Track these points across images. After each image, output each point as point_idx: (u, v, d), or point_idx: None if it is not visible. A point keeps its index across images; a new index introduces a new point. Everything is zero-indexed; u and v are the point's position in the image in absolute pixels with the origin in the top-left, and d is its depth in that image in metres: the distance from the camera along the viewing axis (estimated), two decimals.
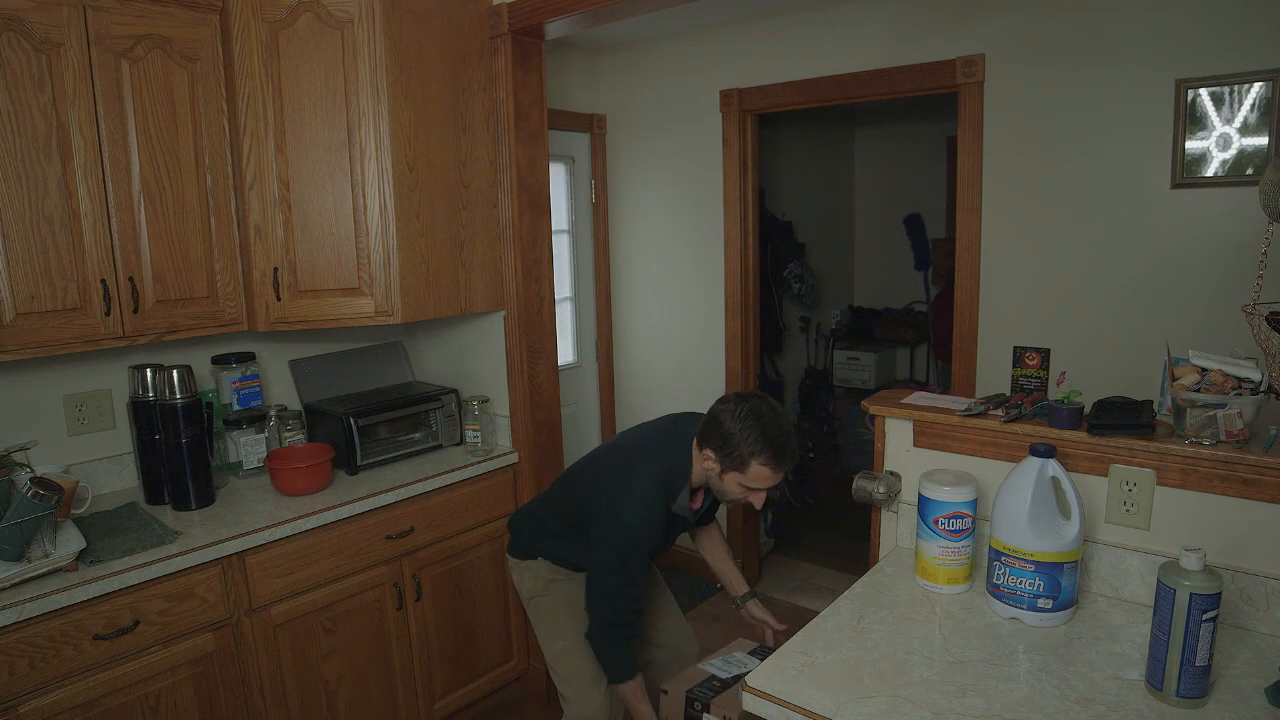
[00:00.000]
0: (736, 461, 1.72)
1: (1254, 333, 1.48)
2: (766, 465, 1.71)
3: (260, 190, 2.26)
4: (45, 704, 1.71)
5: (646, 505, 1.80)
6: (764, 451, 1.70)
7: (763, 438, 1.69)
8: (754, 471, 1.72)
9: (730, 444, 1.72)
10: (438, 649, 2.50)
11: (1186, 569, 1.20)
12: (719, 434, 1.74)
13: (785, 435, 1.72)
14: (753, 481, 1.74)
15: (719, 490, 1.82)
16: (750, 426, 1.70)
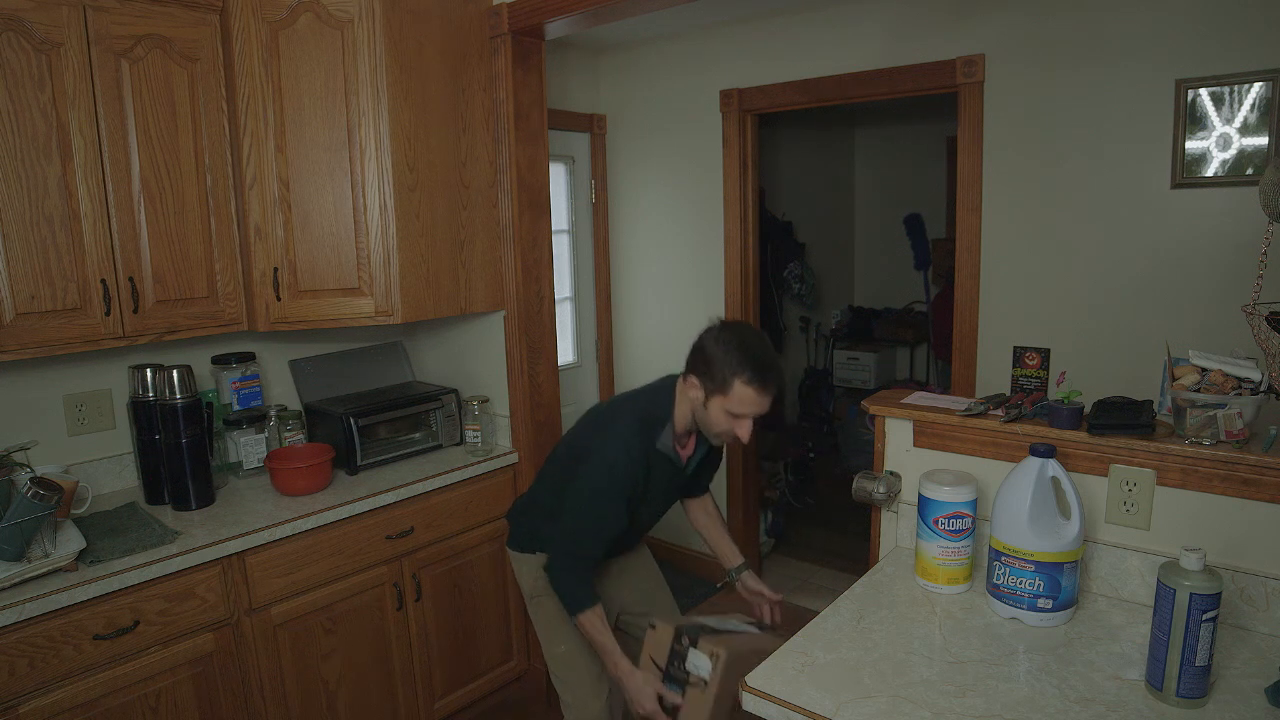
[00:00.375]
0: (719, 383, 1.69)
1: (1254, 333, 1.48)
2: (750, 385, 1.67)
3: (260, 190, 2.26)
4: (45, 704, 1.71)
5: (625, 439, 1.78)
6: (746, 369, 1.66)
7: (745, 357, 1.67)
8: (737, 393, 1.68)
9: (713, 366, 1.70)
10: (438, 649, 2.50)
11: (1186, 569, 1.20)
12: (702, 358, 1.72)
13: (768, 355, 1.70)
14: (737, 405, 1.69)
15: (706, 425, 1.77)
16: (732, 347, 1.68)
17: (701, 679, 1.70)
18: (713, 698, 1.68)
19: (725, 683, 1.67)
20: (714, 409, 1.72)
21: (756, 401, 1.69)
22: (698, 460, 1.95)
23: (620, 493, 1.78)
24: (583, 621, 1.82)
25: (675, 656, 1.76)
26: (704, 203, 3.58)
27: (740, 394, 1.68)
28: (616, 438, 1.78)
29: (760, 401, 1.69)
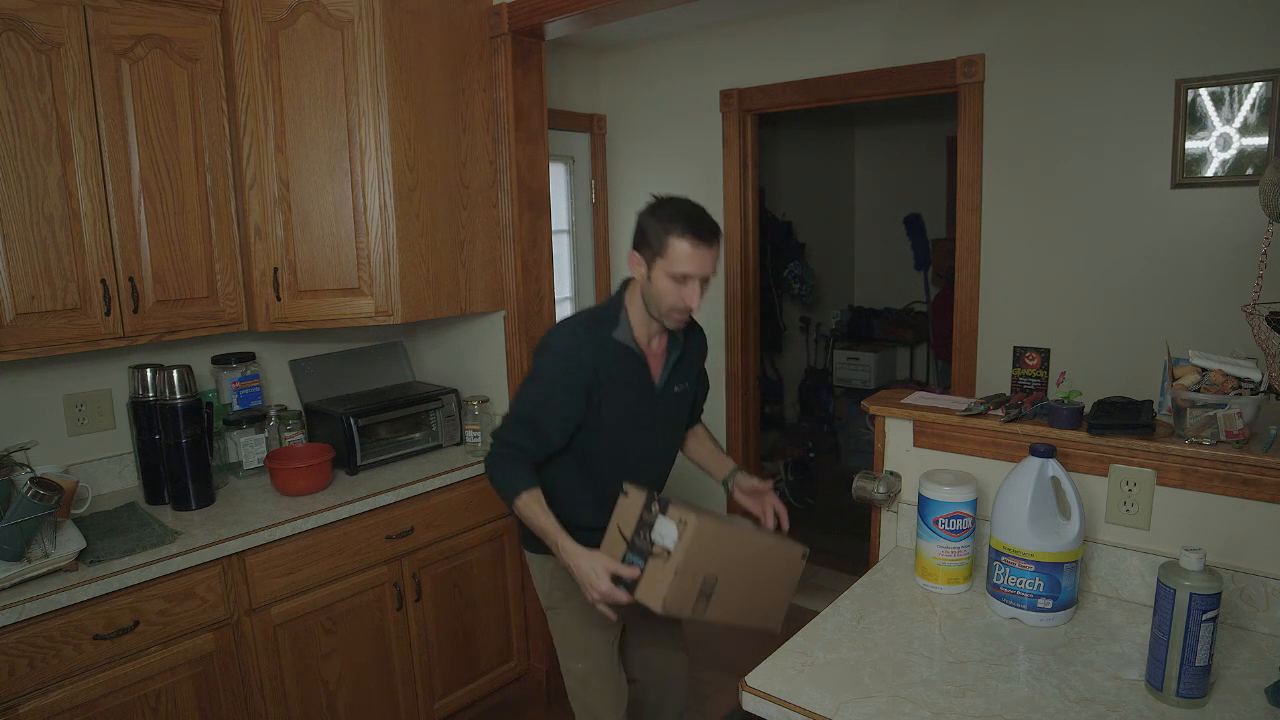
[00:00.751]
0: (657, 246, 1.64)
1: (1254, 333, 1.48)
2: (684, 238, 1.62)
3: (260, 190, 2.26)
4: (45, 704, 1.71)
5: (571, 328, 1.74)
6: (678, 223, 1.63)
7: (677, 214, 1.64)
8: (674, 250, 1.62)
9: (648, 233, 1.66)
10: (438, 649, 2.50)
11: (1186, 569, 1.20)
12: (638, 231, 1.70)
13: (701, 212, 1.67)
14: (677, 265, 1.62)
15: (656, 301, 1.68)
16: (665, 210, 1.66)
17: (665, 549, 1.50)
18: (673, 570, 1.47)
19: (693, 557, 1.49)
20: (657, 278, 1.66)
21: (695, 257, 1.63)
22: (670, 367, 1.82)
23: (569, 379, 1.69)
24: (520, 508, 1.68)
25: (642, 526, 1.56)
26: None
27: (677, 250, 1.62)
28: (562, 328, 1.75)
29: (699, 257, 1.63)
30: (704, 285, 1.67)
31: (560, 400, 1.70)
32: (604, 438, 1.77)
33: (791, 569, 1.69)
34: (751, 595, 1.63)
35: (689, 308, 1.68)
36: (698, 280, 1.66)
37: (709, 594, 1.53)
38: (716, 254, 1.67)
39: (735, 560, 1.53)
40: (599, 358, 1.71)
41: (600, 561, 1.59)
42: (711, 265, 1.66)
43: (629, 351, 1.75)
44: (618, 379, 1.74)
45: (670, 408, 1.87)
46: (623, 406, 1.76)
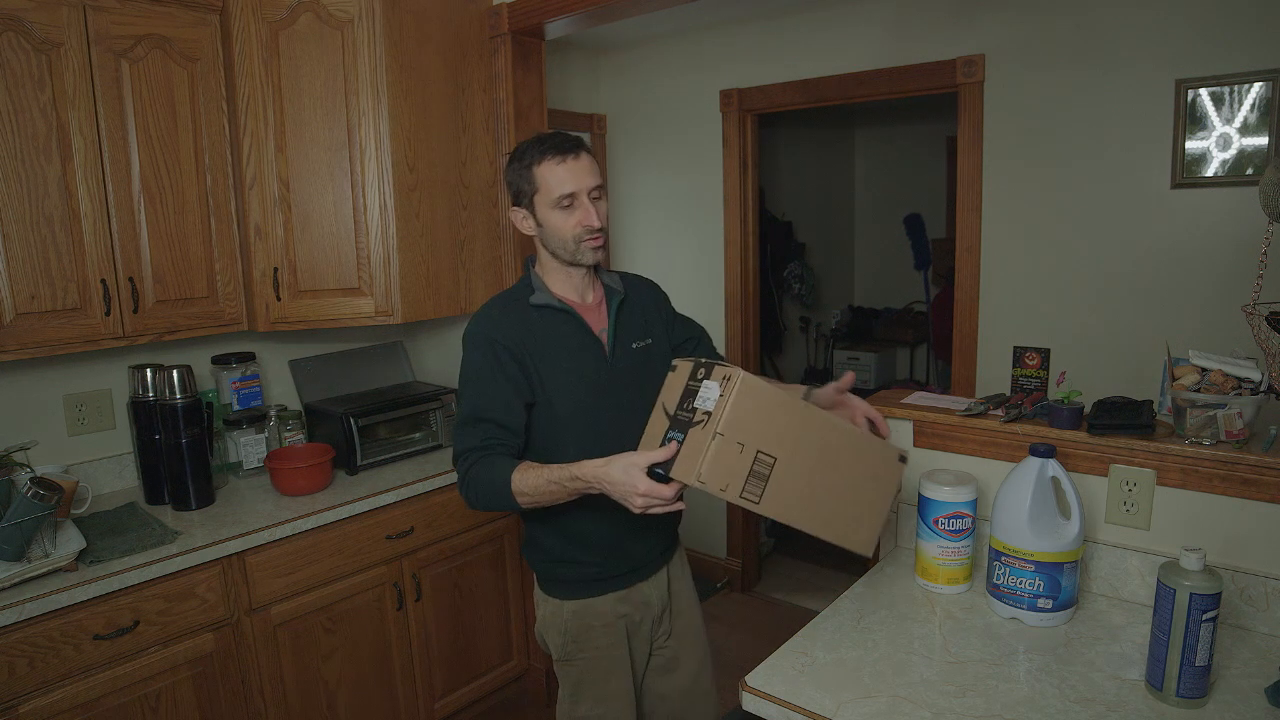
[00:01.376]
0: (529, 185, 1.50)
1: (1254, 333, 1.48)
2: (546, 158, 1.48)
3: (260, 190, 2.26)
4: (45, 704, 1.71)
5: (484, 310, 1.58)
6: (534, 150, 1.49)
7: (527, 146, 1.52)
8: (544, 176, 1.48)
9: (517, 180, 1.53)
10: (438, 649, 2.50)
11: (1186, 569, 1.20)
12: (507, 184, 1.57)
13: (552, 132, 1.54)
14: (554, 188, 1.47)
15: (557, 239, 1.52)
16: (518, 150, 1.54)
17: (705, 412, 1.24)
18: (711, 433, 1.21)
19: (740, 419, 1.22)
20: (546, 216, 1.51)
21: (566, 172, 1.48)
22: (615, 317, 1.59)
23: (493, 357, 1.50)
24: (519, 490, 1.42)
25: (687, 395, 1.30)
26: (704, 203, 3.58)
27: (546, 175, 1.48)
28: (475, 314, 1.60)
29: (570, 169, 1.48)
30: (596, 201, 1.51)
31: (495, 385, 1.50)
32: (563, 418, 1.53)
33: (886, 473, 1.37)
34: (826, 493, 1.31)
35: (593, 226, 1.50)
36: (584, 195, 1.50)
37: (764, 476, 1.25)
38: (591, 165, 1.51)
39: (802, 440, 1.26)
40: (521, 329, 1.52)
41: (629, 458, 1.30)
42: (590, 175, 1.50)
43: (554, 311, 1.56)
44: (552, 344, 1.54)
45: (636, 366, 1.60)
46: (571, 374, 1.53)
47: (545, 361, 1.53)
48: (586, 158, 1.52)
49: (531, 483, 1.41)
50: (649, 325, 1.67)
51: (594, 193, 1.52)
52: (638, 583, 1.65)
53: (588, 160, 1.52)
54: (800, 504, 1.30)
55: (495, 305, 1.59)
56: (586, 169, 1.51)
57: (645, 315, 1.68)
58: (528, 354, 1.51)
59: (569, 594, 1.63)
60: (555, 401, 1.53)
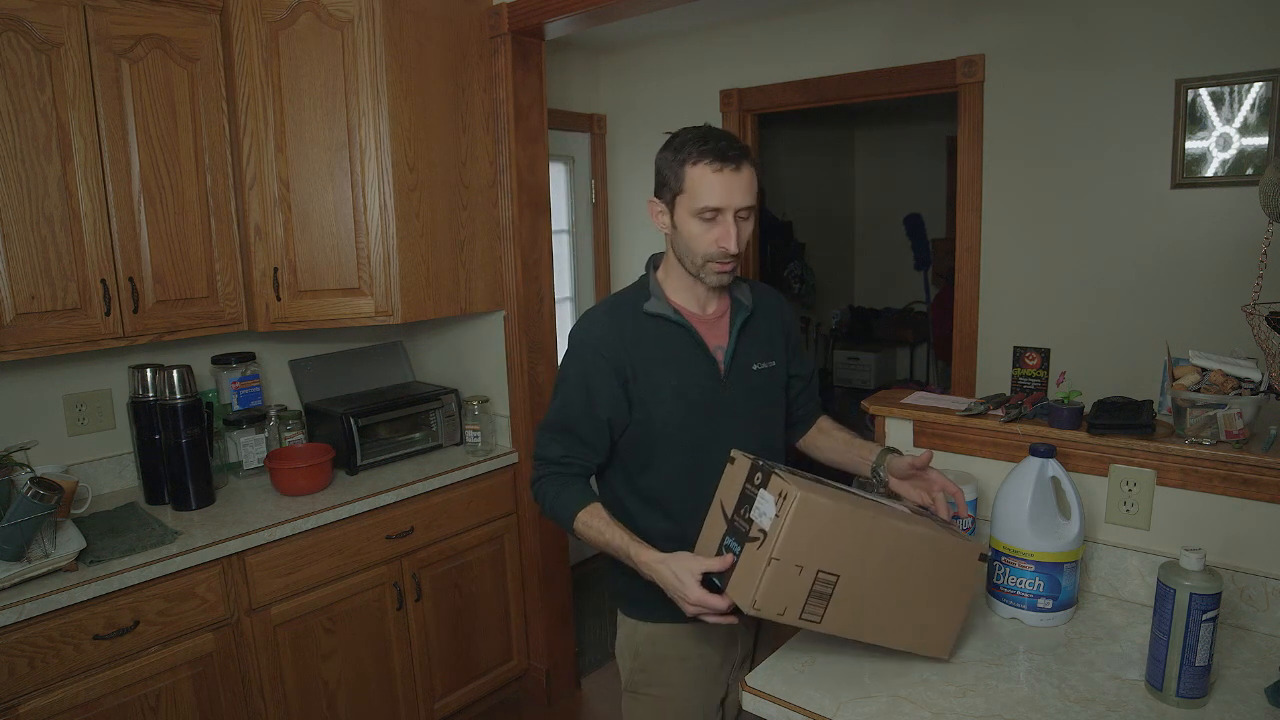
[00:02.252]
0: (674, 182, 1.37)
1: (1254, 333, 1.48)
2: (702, 161, 1.34)
3: (260, 190, 2.26)
4: (45, 704, 1.71)
5: (591, 314, 1.47)
6: (694, 146, 1.35)
7: (691, 137, 1.37)
8: (693, 180, 1.35)
9: (663, 169, 1.40)
10: (438, 649, 2.50)
11: (1186, 569, 1.20)
12: (656, 175, 1.43)
13: (720, 131, 1.39)
14: (700, 197, 1.34)
15: (690, 251, 1.39)
16: (676, 139, 1.40)
17: (762, 530, 1.18)
18: (766, 557, 1.14)
19: (796, 542, 1.15)
20: (682, 221, 1.38)
21: (720, 183, 1.34)
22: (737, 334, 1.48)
23: (593, 367, 1.40)
24: (580, 531, 1.40)
25: (744, 501, 1.24)
26: None
27: (697, 179, 1.35)
28: (582, 316, 1.49)
29: (724, 183, 1.34)
30: (743, 222, 1.38)
31: (589, 397, 1.41)
32: (661, 436, 1.42)
33: (962, 574, 1.25)
34: (895, 604, 1.23)
35: (730, 250, 1.36)
36: (730, 214, 1.35)
37: (826, 595, 1.18)
38: (750, 182, 1.37)
39: (867, 554, 1.19)
40: (627, 337, 1.41)
41: (684, 563, 1.26)
42: (744, 194, 1.36)
43: (667, 322, 1.43)
44: (660, 358, 1.42)
45: (753, 390, 1.48)
46: (675, 393, 1.41)
47: (649, 377, 1.41)
48: (748, 171, 1.37)
49: (591, 535, 1.39)
50: (774, 347, 1.54)
51: (742, 213, 1.38)
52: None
53: (748, 175, 1.37)
54: (866, 618, 1.23)
55: (605, 309, 1.48)
56: (744, 185, 1.36)
57: (772, 335, 1.54)
58: (630, 368, 1.41)
59: (646, 615, 1.49)
60: (654, 418, 1.42)
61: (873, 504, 1.27)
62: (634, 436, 1.44)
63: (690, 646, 1.50)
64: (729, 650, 1.55)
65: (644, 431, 1.43)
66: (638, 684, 1.53)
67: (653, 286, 1.48)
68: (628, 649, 1.54)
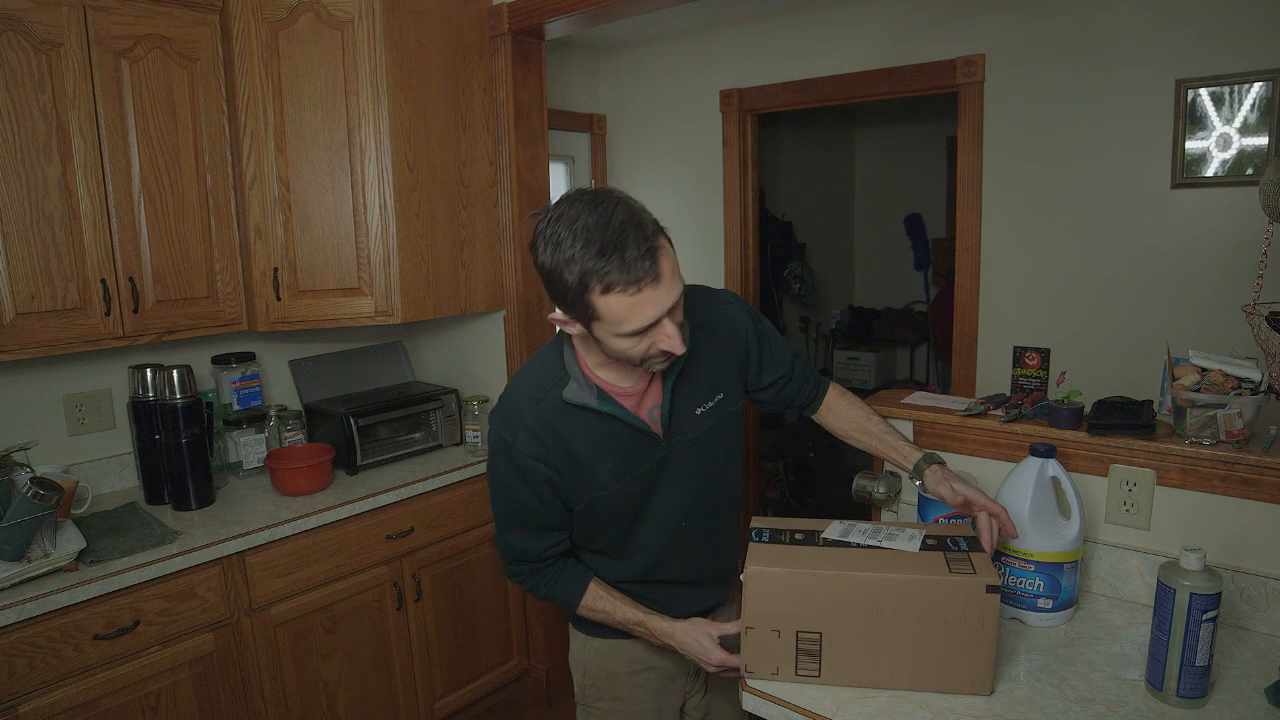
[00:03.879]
0: (585, 311, 1.13)
1: (1254, 333, 1.48)
2: (613, 290, 1.09)
3: (260, 190, 2.26)
4: (45, 704, 1.71)
5: (513, 407, 1.30)
6: (592, 271, 1.08)
7: (582, 253, 1.08)
8: (611, 310, 1.11)
9: (563, 292, 1.14)
10: (438, 649, 2.50)
11: (1186, 569, 1.20)
12: (546, 282, 1.16)
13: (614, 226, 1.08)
14: (628, 324, 1.12)
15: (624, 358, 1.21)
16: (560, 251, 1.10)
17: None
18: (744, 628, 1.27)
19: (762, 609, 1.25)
20: (607, 340, 1.17)
21: (644, 303, 1.11)
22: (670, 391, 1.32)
23: (524, 478, 1.29)
24: (585, 613, 1.39)
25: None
26: (704, 203, 3.58)
27: (614, 309, 1.11)
28: (500, 411, 1.32)
29: (650, 299, 1.11)
30: (676, 313, 1.17)
31: (538, 495, 1.31)
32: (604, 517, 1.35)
33: (972, 608, 1.20)
34: (897, 650, 1.24)
35: (675, 353, 1.19)
36: (664, 318, 1.15)
37: (815, 652, 1.25)
38: (672, 271, 1.13)
39: (842, 608, 1.22)
40: (554, 438, 1.28)
41: (700, 629, 1.32)
42: (671, 293, 1.13)
43: (590, 412, 1.28)
44: (589, 450, 1.29)
45: (698, 438, 1.37)
46: (612, 476, 1.31)
47: (582, 471, 1.30)
48: (666, 263, 1.12)
49: (600, 618, 1.39)
50: (718, 379, 1.39)
51: (675, 311, 1.16)
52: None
53: (668, 267, 1.12)
54: (870, 668, 1.25)
55: (525, 397, 1.30)
56: (667, 285, 1.12)
57: (719, 363, 1.39)
58: (561, 467, 1.29)
59: (597, 631, 1.47)
60: (595, 506, 1.33)
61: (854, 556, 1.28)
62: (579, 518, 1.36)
63: (639, 659, 1.48)
64: (679, 662, 1.49)
65: (586, 518, 1.35)
66: (589, 697, 1.52)
67: (570, 366, 1.29)
68: (578, 663, 1.53)
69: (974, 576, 1.20)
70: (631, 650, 1.47)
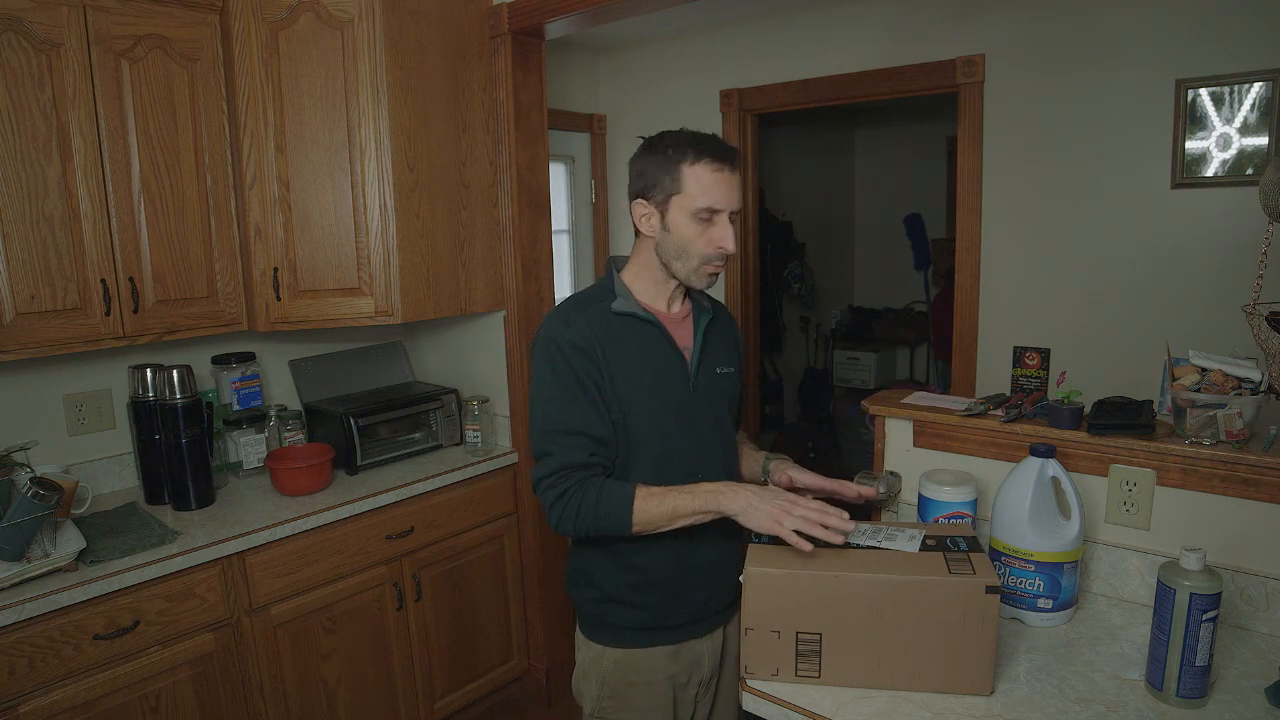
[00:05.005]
0: (669, 182, 1.35)
1: (1254, 333, 1.48)
2: (702, 160, 1.33)
3: (260, 190, 2.26)
4: (45, 704, 1.71)
5: (557, 312, 1.41)
6: (690, 147, 1.34)
7: (684, 139, 1.35)
8: (692, 178, 1.33)
9: (653, 169, 1.36)
10: (438, 649, 2.50)
11: (1186, 569, 1.20)
12: (637, 173, 1.39)
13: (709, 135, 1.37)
14: (701, 196, 1.33)
15: (683, 251, 1.37)
16: (664, 140, 1.37)
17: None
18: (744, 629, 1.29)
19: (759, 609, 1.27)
20: (677, 221, 1.35)
21: (720, 183, 1.34)
22: (702, 336, 1.47)
23: (579, 363, 1.35)
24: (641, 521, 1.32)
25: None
26: None
27: (697, 178, 1.33)
28: (547, 317, 1.42)
29: (726, 183, 1.34)
30: (734, 221, 1.39)
31: (580, 395, 1.35)
32: (638, 439, 1.39)
33: (972, 608, 1.21)
34: (897, 650, 1.25)
35: (729, 250, 1.37)
36: (726, 215, 1.36)
37: (815, 652, 1.27)
38: (740, 184, 1.38)
39: (843, 609, 1.23)
40: (600, 334, 1.37)
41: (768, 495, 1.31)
42: (739, 196, 1.38)
43: (637, 320, 1.41)
44: (633, 357, 1.39)
45: (717, 394, 1.49)
46: (651, 393, 1.39)
47: (625, 375, 1.38)
48: (739, 175, 1.38)
49: (655, 514, 1.32)
50: (733, 354, 1.56)
51: (733, 216, 1.38)
52: (691, 639, 1.49)
53: (739, 178, 1.38)
54: (870, 668, 1.26)
55: (570, 308, 1.42)
56: (738, 187, 1.37)
57: (731, 342, 1.57)
58: (607, 365, 1.36)
59: (614, 640, 1.46)
60: (631, 417, 1.38)
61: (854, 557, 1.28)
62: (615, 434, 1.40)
63: (658, 670, 1.47)
64: (695, 670, 1.51)
65: (621, 435, 1.39)
66: (606, 711, 1.48)
67: (618, 287, 1.44)
68: (593, 675, 1.49)
69: (974, 577, 1.22)
70: (649, 660, 1.46)
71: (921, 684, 1.25)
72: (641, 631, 1.46)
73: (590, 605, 1.49)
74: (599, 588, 1.47)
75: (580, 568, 1.51)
